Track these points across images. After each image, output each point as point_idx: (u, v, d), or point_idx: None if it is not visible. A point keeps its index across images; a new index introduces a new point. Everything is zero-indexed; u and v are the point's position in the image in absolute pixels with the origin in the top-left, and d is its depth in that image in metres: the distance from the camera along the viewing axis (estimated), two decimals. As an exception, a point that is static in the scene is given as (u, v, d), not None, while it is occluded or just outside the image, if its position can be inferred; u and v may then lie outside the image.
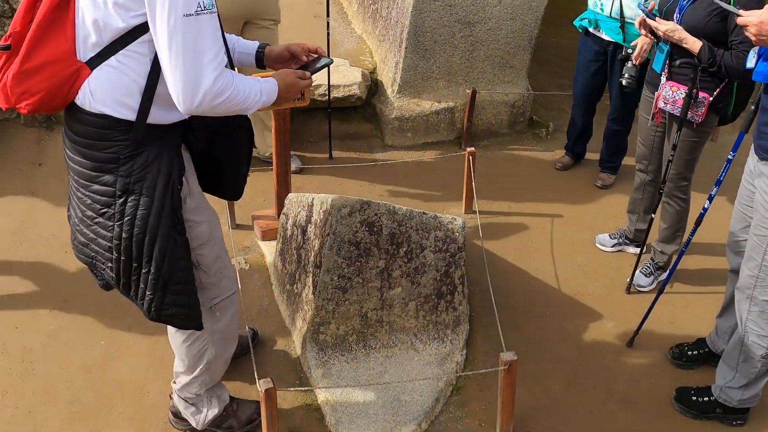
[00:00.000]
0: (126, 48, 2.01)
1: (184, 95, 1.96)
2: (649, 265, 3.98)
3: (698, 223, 3.25)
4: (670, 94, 3.40)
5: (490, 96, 5.18)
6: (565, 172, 5.03)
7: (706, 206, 3.18)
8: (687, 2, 3.30)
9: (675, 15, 3.34)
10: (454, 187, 4.65)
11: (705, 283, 3.98)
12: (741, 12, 2.56)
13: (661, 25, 3.30)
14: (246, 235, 4.12)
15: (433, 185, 4.76)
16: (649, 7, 3.36)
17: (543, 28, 4.89)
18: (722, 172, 3.04)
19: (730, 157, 3.01)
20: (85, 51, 2.03)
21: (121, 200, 2.15)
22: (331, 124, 4.91)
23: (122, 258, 2.20)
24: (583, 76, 4.70)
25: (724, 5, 2.86)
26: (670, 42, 3.34)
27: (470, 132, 5.13)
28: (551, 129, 5.49)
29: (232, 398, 2.93)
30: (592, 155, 5.06)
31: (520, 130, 5.44)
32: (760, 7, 2.68)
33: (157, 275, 2.21)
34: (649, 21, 3.34)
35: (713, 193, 3.10)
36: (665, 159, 3.63)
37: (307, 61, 2.53)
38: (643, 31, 3.47)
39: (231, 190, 2.63)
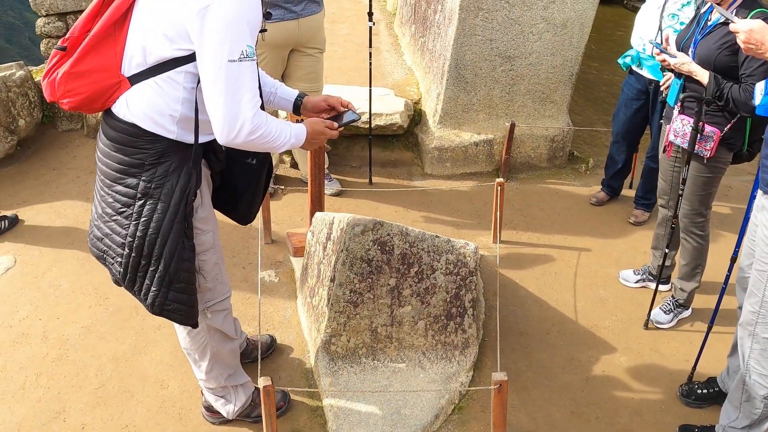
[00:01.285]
0: (165, 73, 2.29)
1: (222, 129, 2.25)
2: (669, 302, 4.00)
3: (733, 260, 3.26)
4: (680, 127, 3.46)
5: (530, 130, 5.30)
6: (600, 207, 5.09)
7: (737, 248, 3.20)
8: (701, 36, 3.37)
9: (690, 49, 3.41)
10: (486, 216, 4.79)
11: (729, 323, 3.93)
12: (735, 19, 2.65)
13: (672, 58, 3.38)
14: (280, 251, 4.37)
15: (466, 214, 4.91)
16: (664, 43, 3.45)
17: (595, 65, 4.98)
18: (747, 211, 3.07)
19: (753, 193, 3.04)
20: (129, 67, 2.31)
21: (141, 202, 2.41)
22: (371, 151, 5.13)
23: (133, 255, 2.45)
24: (624, 113, 4.76)
25: (725, 13, 2.92)
26: (684, 75, 3.42)
27: (508, 164, 5.25)
28: (591, 165, 5.55)
29: (257, 388, 3.15)
30: (629, 192, 5.11)
31: (560, 164, 5.52)
32: None
33: (164, 273, 2.46)
34: (661, 55, 3.44)
35: (741, 231, 3.12)
36: (682, 195, 3.67)
37: (338, 113, 2.78)
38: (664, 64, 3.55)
39: (243, 216, 2.90)
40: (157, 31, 2.23)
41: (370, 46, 4.91)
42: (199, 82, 2.30)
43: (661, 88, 3.87)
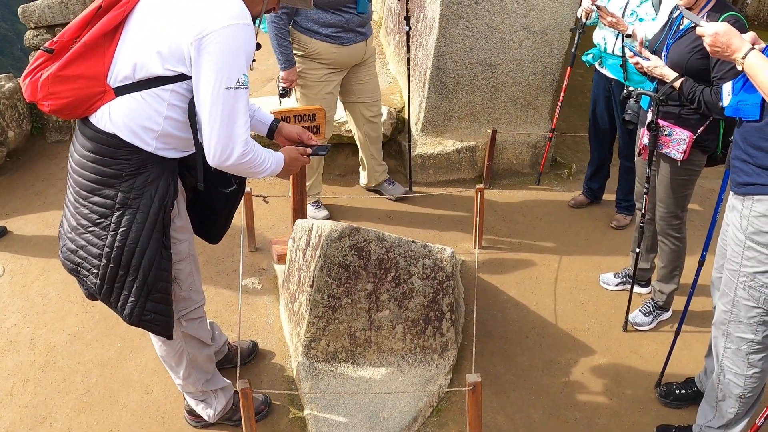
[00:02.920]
0: (152, 89, 2.34)
1: (215, 152, 2.33)
2: (648, 304, 4.05)
3: (701, 263, 3.31)
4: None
5: (512, 136, 5.36)
6: (583, 212, 5.14)
7: (704, 252, 3.25)
8: (673, 40, 3.43)
9: (662, 52, 3.48)
10: (468, 222, 4.85)
11: (707, 323, 3.98)
12: (701, 23, 2.70)
13: (645, 61, 3.45)
14: (264, 258, 4.42)
15: (448, 220, 4.97)
16: (638, 46, 3.51)
17: (580, 71, 5.01)
18: (714, 214, 3.12)
19: (720, 196, 3.11)
20: (115, 79, 2.35)
21: (119, 212, 2.44)
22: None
23: (111, 265, 2.47)
24: (593, 111, 4.85)
25: (691, 17, 2.96)
26: (656, 78, 3.48)
27: (491, 171, 5.31)
28: (574, 170, 5.61)
29: (237, 392, 3.19)
30: (612, 196, 5.16)
31: (543, 170, 5.57)
32: None
33: (142, 283, 2.50)
34: (634, 58, 3.50)
35: (709, 235, 3.17)
36: (657, 197, 3.72)
37: (310, 145, 2.90)
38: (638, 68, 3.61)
39: (214, 236, 2.98)
40: (152, 48, 2.28)
41: (408, 51, 4.98)
42: (191, 103, 2.36)
43: (630, 61, 3.87)
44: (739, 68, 2.54)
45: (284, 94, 4.44)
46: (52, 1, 5.82)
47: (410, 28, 4.93)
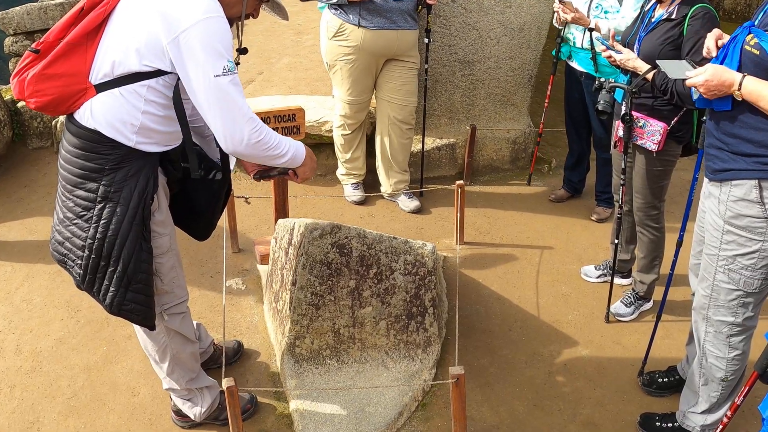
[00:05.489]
0: (130, 85, 2.41)
1: (227, 139, 2.40)
2: (629, 295, 4.10)
3: (679, 244, 3.34)
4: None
5: (491, 132, 5.41)
6: (564, 206, 5.19)
7: (681, 233, 3.29)
8: (645, 33, 3.49)
9: (635, 46, 3.53)
10: (450, 219, 4.89)
11: (687, 313, 4.05)
12: (688, 74, 2.72)
13: (617, 54, 3.49)
14: (247, 259, 4.44)
15: (430, 217, 5.01)
16: (610, 39, 3.56)
17: (560, 68, 5.04)
18: (690, 194, 3.17)
19: (695, 176, 3.15)
20: (96, 76, 2.43)
21: (100, 206, 2.51)
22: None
23: (92, 256, 2.54)
24: (567, 103, 4.92)
25: (671, 68, 2.97)
26: (630, 71, 3.53)
27: (471, 167, 5.36)
28: (554, 165, 5.67)
29: (223, 391, 3.21)
30: (593, 190, 5.21)
31: (523, 166, 5.63)
32: (709, 31, 2.83)
33: (122, 273, 2.56)
34: (607, 51, 3.55)
35: (685, 216, 3.21)
36: (635, 189, 3.78)
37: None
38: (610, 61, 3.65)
39: (201, 233, 3.03)
40: (130, 46, 2.36)
41: (426, 63, 4.91)
42: (177, 96, 2.44)
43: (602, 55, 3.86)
44: (739, 99, 2.58)
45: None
46: (31, 8, 5.82)
47: (430, 41, 4.84)
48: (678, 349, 3.77)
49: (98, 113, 2.43)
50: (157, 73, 2.40)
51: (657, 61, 3.21)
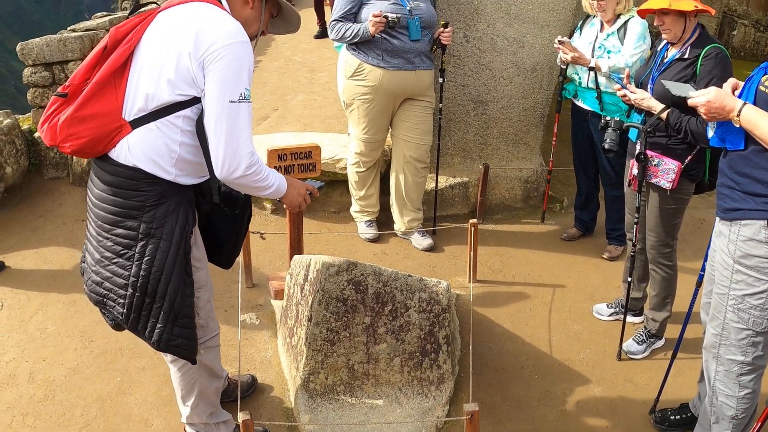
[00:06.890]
0: (165, 117, 2.45)
1: (223, 164, 2.42)
2: (642, 333, 4.11)
3: (698, 284, 3.35)
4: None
5: (504, 171, 5.46)
6: (575, 244, 5.22)
7: (702, 272, 3.28)
8: (658, 72, 3.55)
9: (648, 85, 3.59)
10: (463, 257, 4.92)
11: (699, 351, 4.00)
12: (691, 93, 2.80)
13: (632, 94, 3.56)
14: (261, 294, 4.48)
15: (442, 255, 5.04)
16: (624, 79, 3.62)
17: (565, 106, 5.11)
18: (710, 239, 3.18)
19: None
20: (130, 112, 2.45)
21: (143, 242, 2.52)
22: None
23: (137, 294, 2.54)
24: (575, 142, 4.98)
25: (678, 88, 3.03)
26: (644, 110, 3.59)
27: (483, 206, 5.40)
28: (565, 204, 5.71)
29: (238, 426, 3.22)
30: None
31: (535, 204, 5.67)
32: (723, 73, 2.89)
33: (169, 309, 2.56)
34: (622, 90, 3.61)
35: (707, 255, 3.20)
36: (648, 227, 3.81)
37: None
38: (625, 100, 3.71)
39: (227, 261, 3.04)
40: (161, 77, 2.39)
41: (441, 102, 5.04)
42: (200, 123, 2.45)
43: (617, 94, 3.87)
44: (737, 126, 2.64)
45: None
46: (51, 39, 5.92)
47: (444, 80, 4.92)
48: (690, 387, 3.77)
49: (136, 149, 2.45)
50: (192, 102, 2.43)
51: (662, 80, 3.28)
